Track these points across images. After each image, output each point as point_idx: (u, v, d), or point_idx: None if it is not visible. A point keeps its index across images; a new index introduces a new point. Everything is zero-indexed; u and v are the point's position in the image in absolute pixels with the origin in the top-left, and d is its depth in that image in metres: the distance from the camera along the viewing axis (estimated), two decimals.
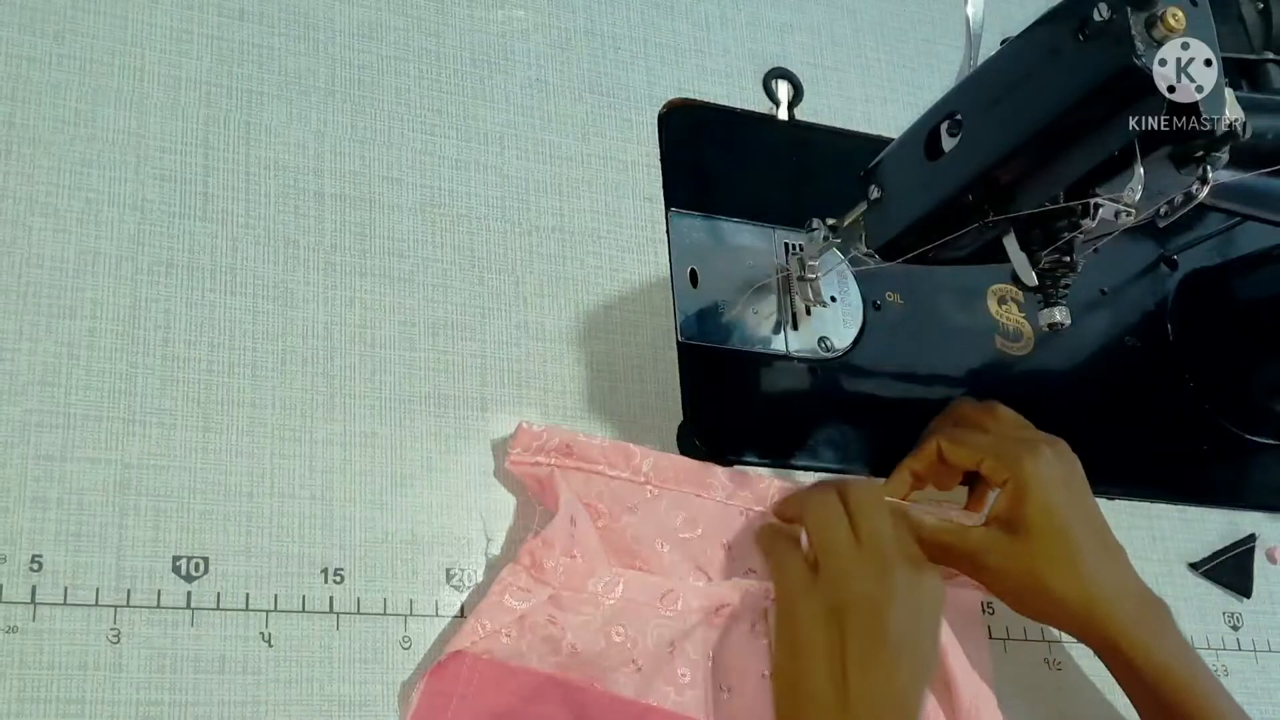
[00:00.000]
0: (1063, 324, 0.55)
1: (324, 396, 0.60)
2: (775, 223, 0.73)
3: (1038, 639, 0.70)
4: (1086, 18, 0.49)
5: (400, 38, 0.68)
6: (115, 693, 0.52)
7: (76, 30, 0.61)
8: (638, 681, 0.59)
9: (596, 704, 0.58)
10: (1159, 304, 0.82)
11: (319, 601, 0.56)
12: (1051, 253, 0.54)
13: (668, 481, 0.64)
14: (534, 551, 0.59)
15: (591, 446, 0.62)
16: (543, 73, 0.71)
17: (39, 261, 0.57)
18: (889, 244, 0.60)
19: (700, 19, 0.78)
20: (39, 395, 0.55)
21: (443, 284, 0.64)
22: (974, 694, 0.63)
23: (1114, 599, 0.62)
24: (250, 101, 0.64)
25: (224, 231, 0.61)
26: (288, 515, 0.57)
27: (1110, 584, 0.62)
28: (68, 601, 0.52)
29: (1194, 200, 0.52)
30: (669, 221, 0.71)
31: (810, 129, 0.78)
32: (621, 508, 0.62)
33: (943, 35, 0.85)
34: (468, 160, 0.67)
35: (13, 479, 0.53)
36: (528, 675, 0.57)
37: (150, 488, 0.55)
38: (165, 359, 0.57)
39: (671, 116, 0.74)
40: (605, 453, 0.62)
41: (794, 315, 0.72)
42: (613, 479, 0.63)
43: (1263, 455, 0.81)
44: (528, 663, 0.57)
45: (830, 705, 0.56)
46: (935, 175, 0.57)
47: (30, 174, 0.58)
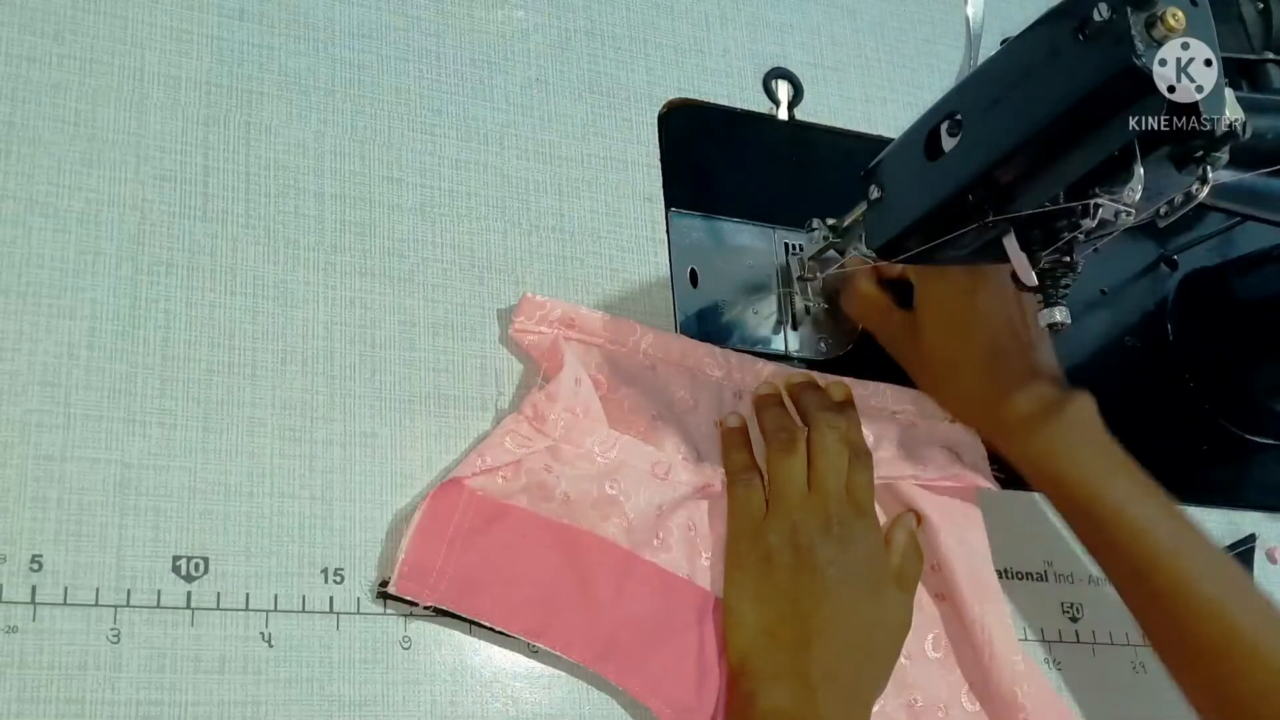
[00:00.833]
0: (1063, 324, 0.55)
1: (324, 396, 0.60)
2: (775, 223, 0.73)
3: (1124, 644, 0.71)
4: (1086, 18, 0.49)
5: (400, 38, 0.68)
6: (115, 693, 0.52)
7: (76, 30, 0.61)
8: (627, 534, 0.61)
9: (587, 547, 0.60)
10: (1159, 304, 0.82)
11: (319, 601, 0.56)
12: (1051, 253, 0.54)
13: (667, 358, 0.65)
14: (537, 404, 0.61)
15: (594, 319, 0.64)
16: (543, 73, 0.71)
17: (39, 261, 0.57)
18: (889, 244, 0.60)
19: (700, 19, 0.78)
20: (39, 395, 0.55)
21: (443, 284, 0.64)
22: (980, 607, 0.64)
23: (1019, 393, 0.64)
24: (250, 101, 0.64)
25: (224, 231, 0.61)
26: (288, 515, 0.57)
27: (1013, 375, 0.64)
28: (68, 601, 0.52)
29: (1194, 200, 0.52)
30: (669, 221, 0.71)
31: (810, 129, 0.78)
32: (620, 380, 0.64)
33: (943, 35, 0.85)
34: (468, 160, 0.67)
35: (13, 479, 0.53)
36: (521, 515, 0.59)
37: (150, 488, 0.55)
38: (165, 359, 0.57)
39: (671, 116, 0.74)
40: (607, 327, 0.64)
41: (794, 315, 0.72)
42: (613, 351, 0.64)
43: (1263, 455, 0.81)
44: (520, 505, 0.59)
45: (762, 649, 0.59)
46: (935, 175, 0.57)
47: (30, 174, 0.58)
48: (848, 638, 0.60)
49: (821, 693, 0.58)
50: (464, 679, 0.57)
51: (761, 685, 0.58)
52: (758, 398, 0.67)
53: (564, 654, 0.58)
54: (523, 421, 0.61)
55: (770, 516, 0.62)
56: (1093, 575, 0.72)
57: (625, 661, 0.58)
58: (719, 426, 0.66)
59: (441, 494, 0.58)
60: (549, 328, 0.63)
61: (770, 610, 0.60)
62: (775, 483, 0.63)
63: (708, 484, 0.64)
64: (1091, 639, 0.71)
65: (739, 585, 0.61)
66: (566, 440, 0.61)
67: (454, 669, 0.57)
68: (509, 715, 0.57)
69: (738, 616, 0.61)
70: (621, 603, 0.59)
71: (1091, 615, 0.72)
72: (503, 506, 0.59)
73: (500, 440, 0.60)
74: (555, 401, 0.61)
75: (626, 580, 0.60)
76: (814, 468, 0.63)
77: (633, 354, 0.65)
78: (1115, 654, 0.71)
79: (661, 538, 0.61)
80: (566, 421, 0.61)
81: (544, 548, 0.59)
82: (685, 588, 0.61)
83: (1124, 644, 0.71)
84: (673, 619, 0.60)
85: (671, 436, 0.64)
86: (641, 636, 0.59)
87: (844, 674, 0.59)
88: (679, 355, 0.66)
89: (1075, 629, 0.71)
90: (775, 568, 0.61)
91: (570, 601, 0.58)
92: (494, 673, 0.58)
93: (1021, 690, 0.63)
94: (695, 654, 0.60)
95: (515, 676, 0.58)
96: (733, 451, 0.65)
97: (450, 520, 0.58)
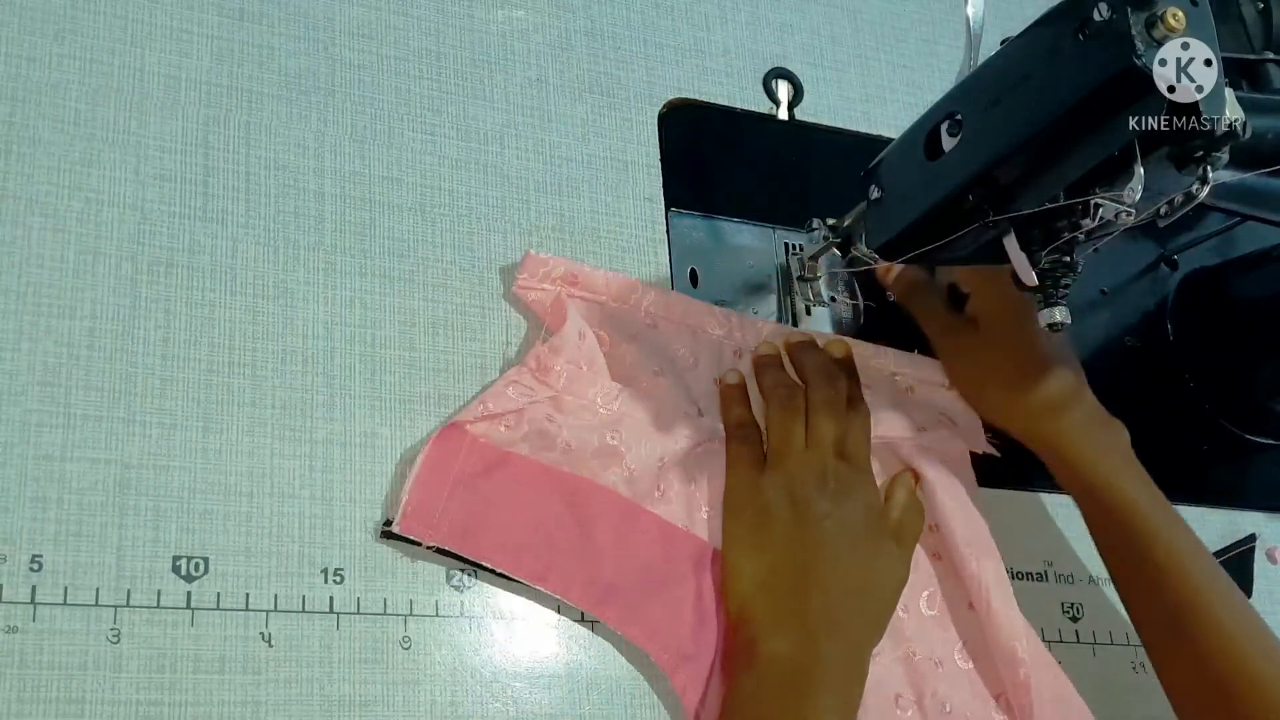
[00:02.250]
0: (1063, 324, 0.55)
1: (324, 396, 0.60)
2: (775, 223, 0.73)
3: (1124, 644, 0.71)
4: (1086, 18, 0.49)
5: (400, 38, 0.68)
6: (115, 693, 0.52)
7: (76, 30, 0.61)
8: (628, 483, 0.61)
9: (587, 495, 0.60)
10: (1159, 304, 0.82)
11: (319, 601, 0.56)
12: (1051, 253, 0.54)
13: (669, 316, 0.66)
14: (540, 356, 0.61)
15: (596, 277, 0.65)
16: (543, 73, 0.71)
17: (39, 261, 0.57)
18: (889, 244, 0.60)
19: (700, 19, 0.78)
20: (39, 395, 0.55)
21: (443, 284, 0.64)
22: (978, 564, 0.65)
23: (1060, 406, 0.65)
24: (250, 101, 0.64)
25: (224, 231, 0.61)
26: (288, 515, 0.57)
27: (1057, 392, 0.65)
28: (68, 601, 0.52)
29: (1194, 200, 0.52)
30: (669, 221, 0.71)
31: (810, 129, 0.78)
32: (622, 336, 0.65)
33: (943, 35, 0.85)
34: (468, 160, 0.67)
35: (13, 479, 0.53)
36: (523, 462, 0.60)
37: (150, 488, 0.55)
38: (165, 359, 0.57)
39: (671, 116, 0.74)
40: (609, 284, 0.65)
41: (794, 315, 0.72)
42: (615, 309, 0.65)
43: (1263, 455, 0.81)
44: (522, 452, 0.60)
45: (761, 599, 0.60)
46: (935, 175, 0.57)
47: (30, 174, 0.58)
48: (845, 587, 0.60)
49: (821, 639, 0.58)
50: (464, 679, 0.57)
51: (762, 632, 0.59)
52: (757, 357, 0.67)
53: (564, 598, 0.58)
54: (526, 372, 0.61)
55: (768, 471, 0.63)
56: (1093, 575, 0.72)
57: (625, 608, 0.59)
58: (718, 384, 0.66)
59: (444, 438, 0.59)
60: (552, 284, 0.64)
61: (768, 562, 0.61)
62: (773, 438, 0.64)
63: (708, 439, 0.64)
64: (1091, 639, 0.71)
65: (737, 538, 0.62)
66: (569, 391, 0.61)
67: (454, 669, 0.57)
68: (509, 715, 0.57)
69: (736, 568, 0.61)
70: (621, 550, 0.60)
71: (1091, 615, 0.72)
72: (504, 454, 0.60)
73: (503, 389, 0.60)
74: (558, 354, 0.61)
75: (626, 529, 0.60)
76: (811, 424, 0.64)
77: (635, 311, 0.66)
78: (1115, 654, 0.71)
79: (662, 489, 0.62)
80: (569, 373, 0.61)
81: (545, 494, 0.60)
82: (684, 539, 0.62)
83: (1124, 644, 0.71)
84: (671, 569, 0.61)
85: (673, 392, 0.64)
86: (640, 584, 0.60)
87: (842, 622, 0.60)
88: (681, 313, 0.67)
89: (1075, 629, 0.71)
90: (772, 521, 0.61)
91: (571, 547, 0.59)
92: (494, 673, 0.58)
93: (1021, 645, 0.64)
94: (693, 604, 0.60)
95: (515, 676, 0.58)
96: (732, 407, 0.65)
97: (453, 464, 0.58)
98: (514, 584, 0.59)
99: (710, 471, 0.64)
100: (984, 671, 0.65)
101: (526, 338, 0.64)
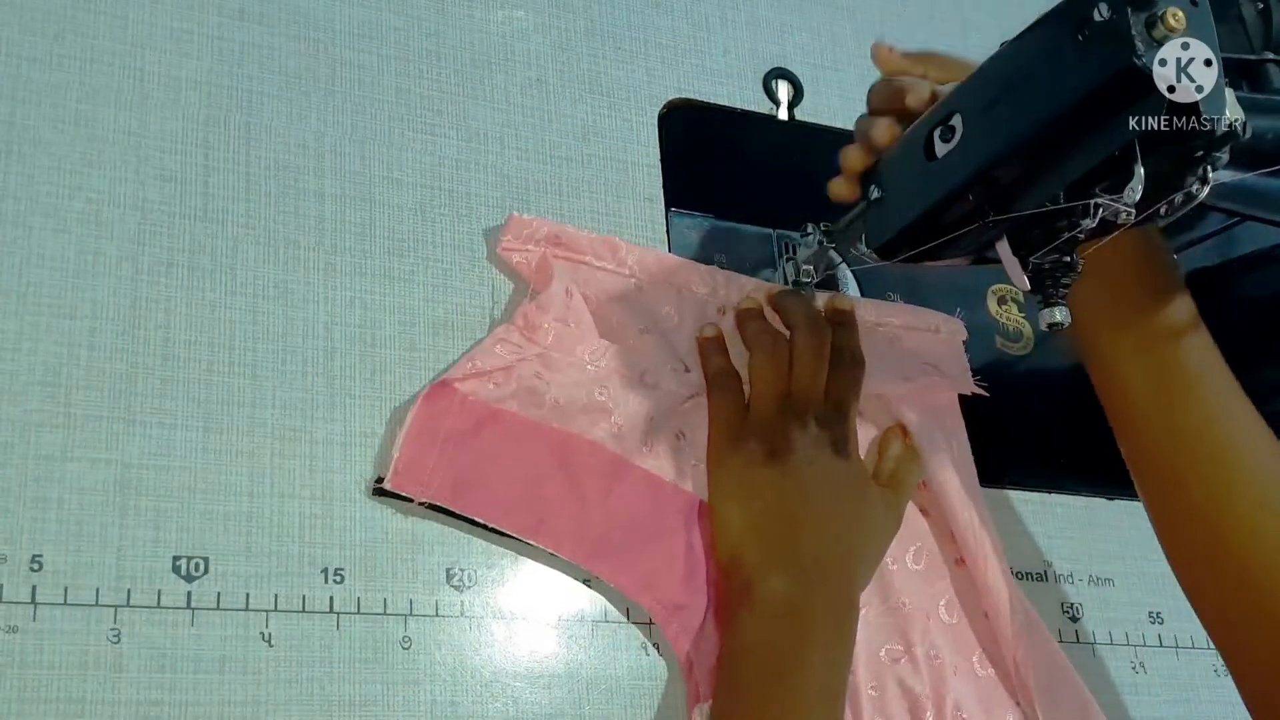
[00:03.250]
0: (1063, 324, 0.55)
1: (324, 396, 0.60)
2: (775, 223, 0.73)
3: (1124, 644, 0.71)
4: (1086, 18, 0.49)
5: (400, 38, 0.68)
6: (115, 693, 0.52)
7: (76, 30, 0.61)
8: (616, 439, 0.62)
9: (577, 450, 0.61)
10: None
11: (319, 601, 0.56)
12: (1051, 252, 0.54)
13: (653, 275, 0.66)
14: (528, 314, 0.62)
15: (579, 238, 0.65)
16: (543, 73, 0.71)
17: (39, 261, 0.57)
18: (888, 244, 0.60)
19: (700, 19, 0.78)
20: (39, 395, 0.55)
21: (443, 284, 0.64)
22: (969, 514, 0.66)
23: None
24: (250, 101, 0.64)
25: (224, 231, 0.61)
26: (288, 515, 0.57)
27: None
28: (68, 601, 0.52)
29: (1194, 200, 0.52)
30: (669, 221, 0.71)
31: (810, 129, 0.78)
32: (606, 296, 0.65)
33: (943, 35, 0.85)
34: (468, 160, 0.67)
35: (13, 479, 0.53)
36: (512, 418, 0.60)
37: (150, 488, 0.55)
38: (165, 359, 0.57)
39: (671, 116, 0.74)
40: (592, 244, 0.65)
41: None
42: (599, 269, 0.65)
43: None
44: (511, 409, 0.60)
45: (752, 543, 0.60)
46: (935, 176, 0.57)
47: (31, 174, 0.58)
48: (833, 530, 0.61)
49: (814, 578, 0.59)
50: (464, 679, 0.57)
51: (757, 573, 0.59)
52: (740, 310, 0.67)
53: (556, 551, 0.59)
54: (514, 330, 0.61)
55: (750, 418, 0.63)
56: (1093, 575, 0.72)
57: (616, 561, 0.59)
58: (697, 338, 0.66)
59: (433, 396, 0.59)
60: (536, 245, 0.64)
61: (755, 508, 0.61)
62: (755, 386, 0.64)
63: (695, 393, 0.65)
64: (1091, 639, 0.71)
65: (722, 486, 0.62)
66: (557, 348, 0.62)
67: (454, 669, 0.57)
68: (509, 715, 0.57)
69: (724, 516, 0.62)
70: (610, 504, 0.60)
71: (1091, 615, 0.72)
72: (493, 410, 0.60)
73: (491, 347, 0.61)
74: (546, 312, 0.62)
75: (615, 483, 0.61)
76: (794, 370, 0.64)
77: (619, 271, 0.66)
78: (1115, 654, 0.71)
79: (650, 444, 0.62)
80: (557, 331, 0.62)
81: (535, 450, 0.60)
82: (673, 492, 0.62)
83: (1124, 644, 0.71)
84: (661, 522, 0.61)
85: (659, 350, 0.65)
86: (631, 537, 0.60)
87: (833, 563, 0.60)
88: (665, 272, 0.67)
89: (1075, 629, 0.71)
90: (756, 467, 0.62)
91: (561, 501, 0.59)
92: (494, 673, 0.58)
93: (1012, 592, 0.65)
94: (684, 555, 0.61)
95: (515, 676, 0.58)
96: (711, 357, 0.66)
97: (443, 421, 0.59)
98: (514, 585, 0.59)
99: (696, 425, 0.64)
100: (971, 627, 0.66)
101: (511, 299, 0.64)
